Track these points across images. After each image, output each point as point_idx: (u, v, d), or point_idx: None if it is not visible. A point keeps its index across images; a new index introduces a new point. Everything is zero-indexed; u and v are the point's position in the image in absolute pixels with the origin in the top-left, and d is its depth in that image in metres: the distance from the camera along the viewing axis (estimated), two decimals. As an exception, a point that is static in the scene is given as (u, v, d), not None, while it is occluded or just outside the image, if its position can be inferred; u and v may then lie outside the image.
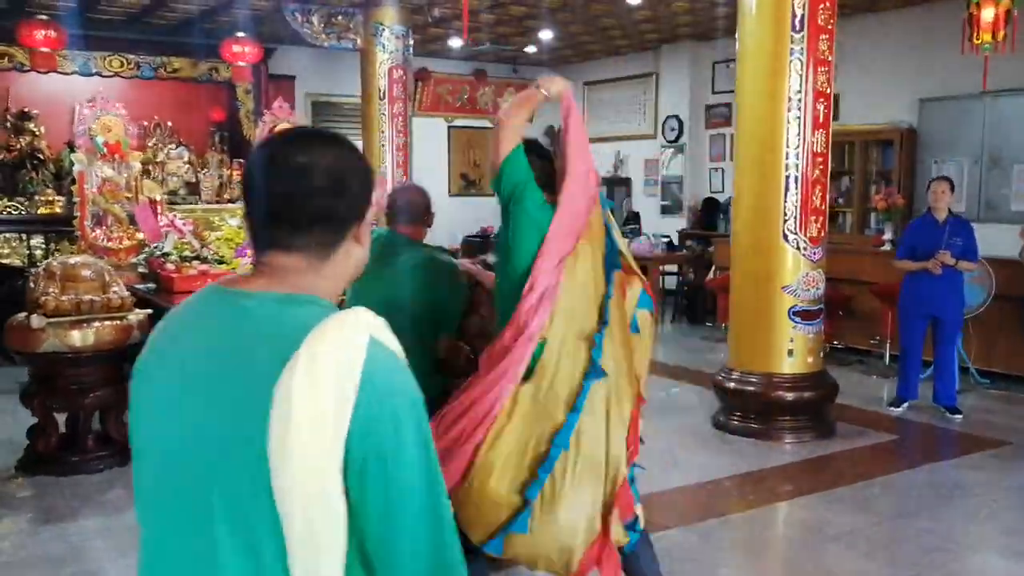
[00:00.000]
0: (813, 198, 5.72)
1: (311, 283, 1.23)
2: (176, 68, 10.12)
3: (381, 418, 1.11)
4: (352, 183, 1.25)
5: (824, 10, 5.61)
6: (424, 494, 1.14)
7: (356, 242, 1.27)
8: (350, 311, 1.16)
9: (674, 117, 11.89)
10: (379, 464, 1.10)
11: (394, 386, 1.14)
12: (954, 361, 6.44)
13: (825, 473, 5.23)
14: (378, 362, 1.12)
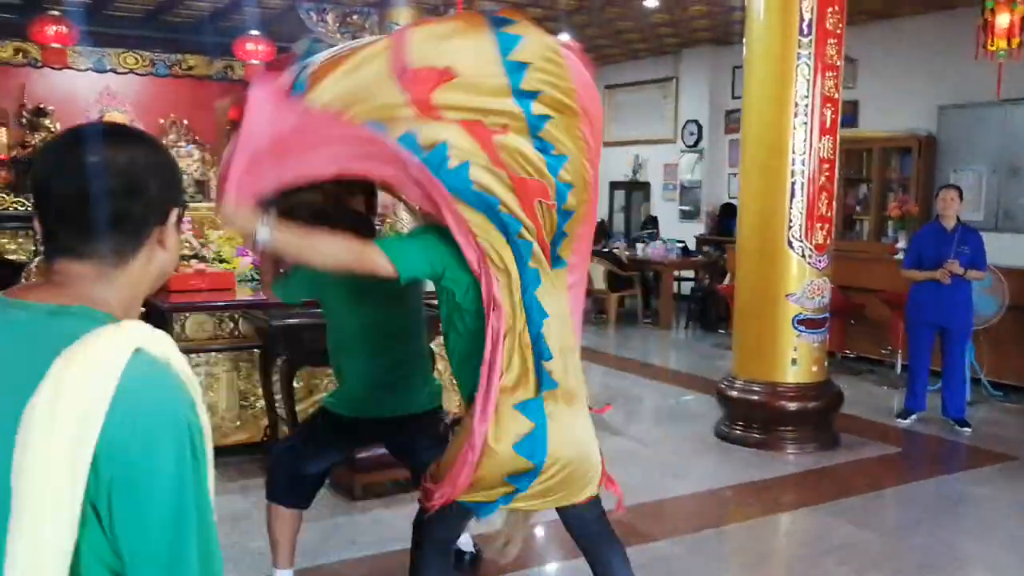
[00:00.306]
0: (819, 205, 5.62)
1: (99, 293, 1.15)
2: (191, 66, 10.16)
3: (132, 439, 1.03)
4: (150, 183, 1.17)
5: (833, 14, 5.51)
6: (178, 524, 1.06)
7: (160, 247, 1.20)
8: (119, 324, 1.09)
9: (693, 122, 11.81)
10: (127, 489, 1.03)
11: (152, 404, 1.07)
12: (963, 372, 6.31)
13: (826, 485, 5.13)
14: (136, 379, 1.05)
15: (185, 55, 10.06)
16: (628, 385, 7.76)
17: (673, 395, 7.40)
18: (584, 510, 2.74)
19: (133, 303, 1.20)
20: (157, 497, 1.05)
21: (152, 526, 1.05)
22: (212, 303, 5.21)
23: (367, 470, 4.56)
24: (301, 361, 4.89)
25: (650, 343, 9.91)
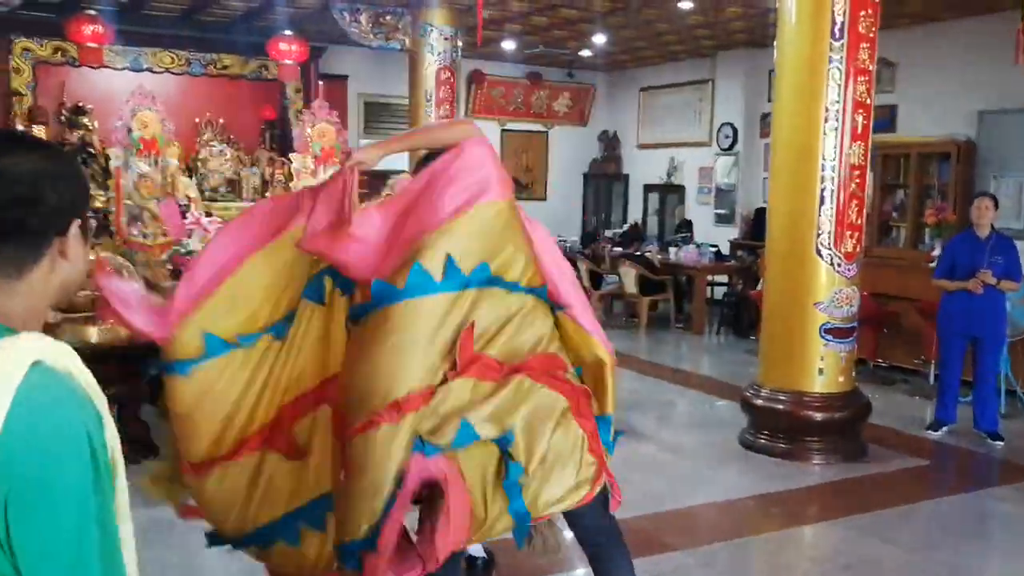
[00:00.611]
0: (849, 212, 5.52)
1: (1, 304, 1.15)
2: (226, 65, 10.29)
3: (28, 455, 1.02)
4: (48, 193, 1.14)
5: (866, 18, 5.41)
6: (79, 541, 1.04)
7: (62, 257, 1.18)
8: (15, 337, 1.08)
9: (729, 124, 11.68)
10: (24, 506, 1.01)
11: (50, 419, 1.05)
12: (996, 383, 6.17)
13: (850, 497, 5.04)
14: (33, 393, 1.04)
15: (220, 55, 10.19)
16: (657, 390, 7.69)
17: (701, 401, 7.32)
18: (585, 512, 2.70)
19: (34, 315, 1.17)
20: (56, 514, 1.03)
21: (51, 543, 1.03)
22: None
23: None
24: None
25: (681, 348, 9.82)
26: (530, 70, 12.99)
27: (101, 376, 3.93)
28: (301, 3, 9.31)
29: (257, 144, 10.47)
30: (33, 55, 9.57)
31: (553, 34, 10.82)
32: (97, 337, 4.77)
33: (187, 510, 2.71)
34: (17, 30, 9.41)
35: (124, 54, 9.84)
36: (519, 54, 12.01)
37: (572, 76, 13.18)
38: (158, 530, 4.14)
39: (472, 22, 9.71)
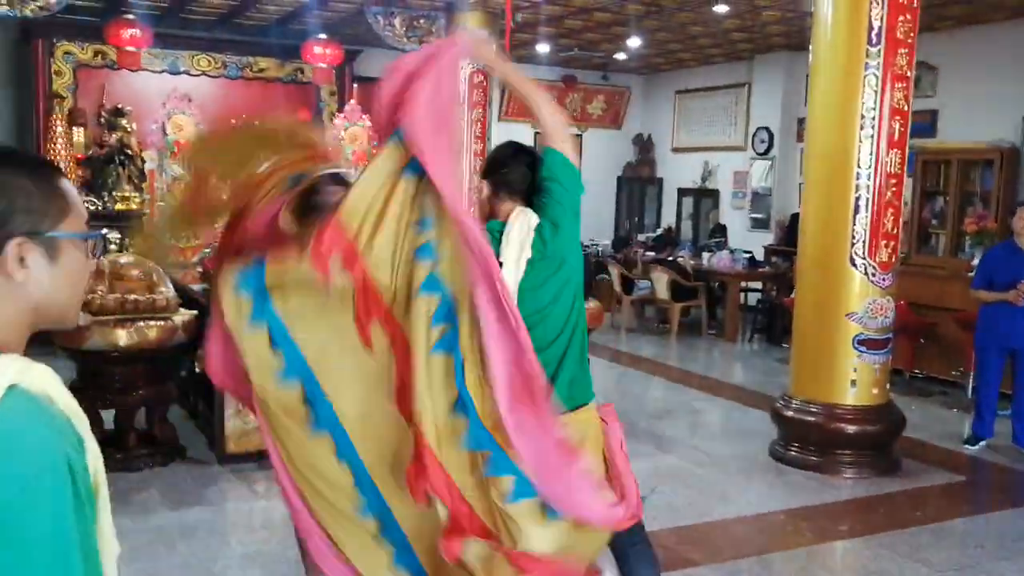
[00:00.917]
0: (885, 221, 5.40)
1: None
2: (262, 68, 10.36)
3: (4, 481, 0.99)
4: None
5: (904, 23, 5.29)
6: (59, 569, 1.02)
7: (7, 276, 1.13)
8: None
9: (764, 129, 11.54)
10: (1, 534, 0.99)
11: (28, 444, 1.02)
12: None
13: (880, 514, 4.93)
14: (9, 417, 1.01)
15: (256, 58, 10.26)
16: (687, 399, 7.61)
17: (731, 411, 7.22)
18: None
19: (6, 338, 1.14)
20: (34, 541, 1.01)
21: (30, 571, 1.01)
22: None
23: (407, 480, 4.55)
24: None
25: (713, 355, 9.71)
26: (565, 73, 12.94)
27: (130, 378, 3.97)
28: (336, 7, 9.35)
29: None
30: (74, 58, 9.71)
31: (587, 37, 10.77)
32: (125, 340, 4.81)
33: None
34: (59, 34, 9.55)
35: (162, 57, 9.95)
36: (554, 57, 11.96)
37: (607, 79, 13.10)
38: (180, 534, 4.17)
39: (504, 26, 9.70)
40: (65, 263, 1.18)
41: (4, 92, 9.96)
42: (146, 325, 4.85)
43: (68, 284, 1.20)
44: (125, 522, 4.27)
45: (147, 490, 4.72)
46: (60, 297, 1.19)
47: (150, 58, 9.73)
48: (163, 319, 4.93)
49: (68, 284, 1.20)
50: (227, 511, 4.60)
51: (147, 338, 4.86)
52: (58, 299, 1.19)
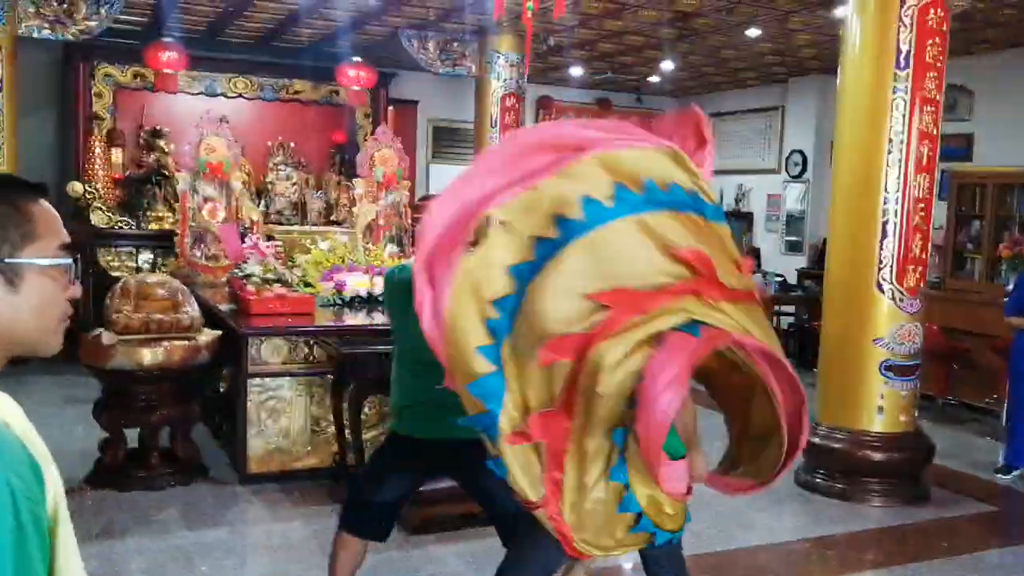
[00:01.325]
0: (913, 246, 5.34)
1: None
2: (297, 90, 10.49)
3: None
4: None
5: (933, 47, 5.24)
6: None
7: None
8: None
9: (798, 152, 11.45)
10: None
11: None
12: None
13: (908, 544, 4.84)
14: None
15: (292, 80, 10.40)
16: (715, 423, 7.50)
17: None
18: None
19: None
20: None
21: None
22: (288, 328, 5.31)
23: (426, 503, 4.54)
24: (368, 389, 4.94)
25: (743, 379, 9.58)
26: (599, 96, 12.96)
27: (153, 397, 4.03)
28: (370, 30, 9.47)
29: (327, 168, 10.65)
30: (114, 80, 9.92)
31: (621, 60, 10.78)
32: (150, 359, 4.87)
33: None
34: (100, 56, 9.76)
35: (200, 79, 10.13)
36: (587, 80, 11.99)
37: (640, 101, 13.10)
38: (198, 553, 4.20)
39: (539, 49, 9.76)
40: (29, 290, 1.16)
41: (47, 113, 10.18)
42: (170, 344, 4.91)
43: (34, 312, 1.17)
44: (144, 540, 4.32)
45: (167, 509, 4.76)
46: (26, 325, 1.17)
47: (188, 80, 9.91)
48: (187, 339, 4.99)
49: (34, 312, 1.17)
50: (246, 532, 4.63)
51: (171, 357, 4.92)
52: (24, 327, 1.17)
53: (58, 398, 7.01)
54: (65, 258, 1.22)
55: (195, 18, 9.27)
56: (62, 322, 1.24)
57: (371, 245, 6.85)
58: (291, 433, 5.26)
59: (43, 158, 9.97)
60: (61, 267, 1.21)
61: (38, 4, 8.28)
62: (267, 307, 5.44)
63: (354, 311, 5.91)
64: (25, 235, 1.16)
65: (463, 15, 8.42)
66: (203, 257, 6.89)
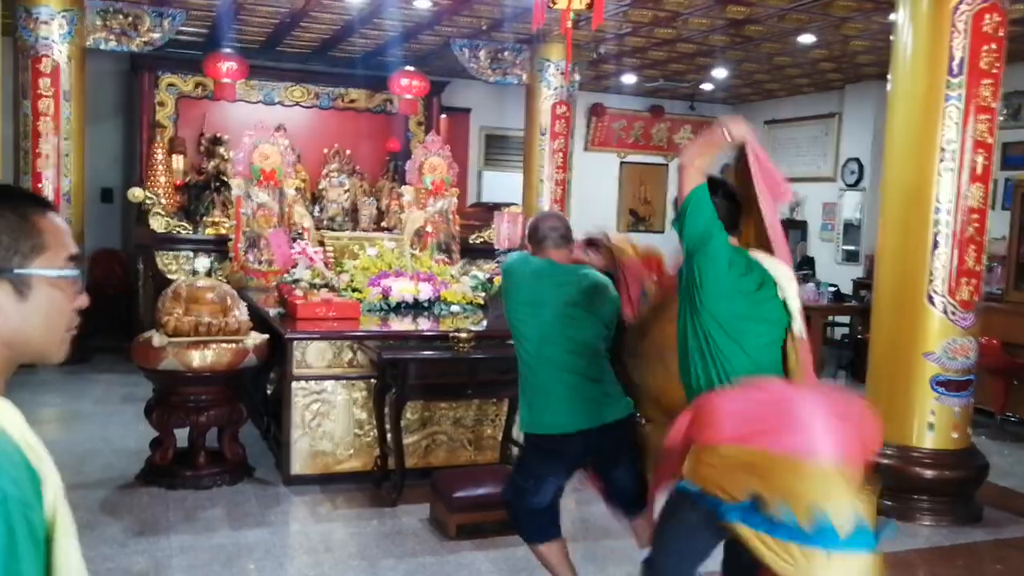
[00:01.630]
0: (966, 258, 5.19)
1: None
2: (352, 99, 10.66)
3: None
4: None
5: (988, 53, 5.10)
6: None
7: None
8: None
9: (855, 160, 11.25)
10: None
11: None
12: None
13: (958, 565, 4.69)
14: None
15: (348, 89, 10.58)
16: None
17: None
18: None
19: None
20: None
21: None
22: (333, 332, 5.39)
23: (463, 510, 4.56)
24: (408, 394, 4.99)
25: (796, 391, 9.42)
26: (652, 103, 12.90)
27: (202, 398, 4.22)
28: (423, 40, 9.57)
29: (381, 175, 10.78)
30: (177, 89, 10.20)
31: (672, 68, 10.72)
32: (199, 361, 4.98)
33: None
34: (163, 67, 10.06)
35: (258, 88, 10.37)
36: (639, 87, 11.95)
37: (694, 109, 13.00)
38: (239, 553, 4.28)
39: (588, 57, 9.77)
40: (37, 300, 1.20)
41: (114, 122, 10.52)
42: (219, 347, 5.01)
43: (42, 321, 1.21)
44: (187, 539, 4.41)
45: (212, 508, 4.86)
46: (33, 334, 1.21)
47: (247, 89, 10.14)
48: (235, 342, 5.09)
49: (42, 321, 1.21)
50: (287, 533, 4.69)
51: (219, 360, 5.03)
52: (31, 336, 1.21)
53: (117, 397, 7.22)
54: (72, 270, 1.25)
55: (254, 29, 9.49)
56: (69, 331, 1.27)
57: (419, 251, 6.91)
58: (334, 436, 5.33)
59: (108, 165, 10.31)
60: (69, 278, 1.24)
61: (105, 17, 8.56)
62: (313, 311, 5.52)
63: (400, 316, 5.97)
64: (34, 247, 1.20)
65: (513, 24, 8.46)
66: (256, 262, 7.03)
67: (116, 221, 10.40)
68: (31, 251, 1.20)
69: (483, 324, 5.92)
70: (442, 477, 4.78)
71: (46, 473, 1.13)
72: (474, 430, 5.55)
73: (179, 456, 5.26)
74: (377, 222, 9.91)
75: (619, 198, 13.17)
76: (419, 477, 5.07)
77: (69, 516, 1.16)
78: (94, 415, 6.77)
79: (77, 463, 5.35)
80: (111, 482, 5.15)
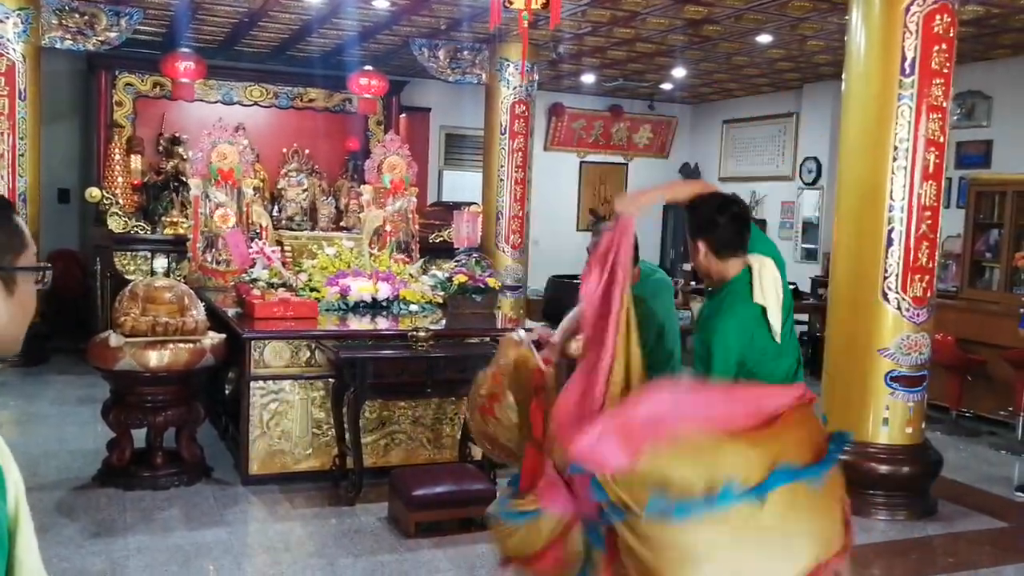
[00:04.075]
0: (919, 255, 5.27)
1: None
2: (311, 98, 10.61)
3: None
4: None
5: (939, 53, 5.18)
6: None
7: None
8: None
9: (812, 159, 11.39)
10: None
11: None
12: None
13: (912, 559, 4.76)
14: None
15: (306, 88, 10.52)
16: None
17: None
18: None
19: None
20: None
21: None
22: (291, 332, 5.35)
23: (422, 508, 4.55)
24: (367, 393, 4.96)
25: (756, 388, 9.51)
26: (612, 103, 12.96)
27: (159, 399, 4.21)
28: (382, 40, 9.53)
29: (340, 174, 10.72)
30: (134, 89, 10.07)
31: (632, 68, 10.78)
32: (156, 361, 4.92)
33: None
34: (121, 66, 9.92)
35: (217, 88, 10.27)
36: (599, 87, 12.00)
37: (653, 108, 13.08)
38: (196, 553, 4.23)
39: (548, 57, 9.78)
40: (21, 296, 1.26)
41: (71, 121, 10.36)
42: (176, 347, 4.96)
43: (21, 314, 1.27)
44: (144, 539, 4.36)
45: (170, 509, 4.80)
46: (13, 327, 1.26)
47: (206, 89, 10.04)
48: (193, 341, 5.03)
49: (21, 314, 1.27)
50: (245, 532, 4.65)
51: (177, 360, 4.97)
52: (11, 329, 1.26)
53: (74, 398, 7.11)
54: (45, 265, 1.32)
55: (212, 28, 9.39)
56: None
57: (377, 251, 6.88)
58: (293, 436, 5.29)
59: (65, 165, 10.14)
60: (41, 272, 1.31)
61: (61, 16, 8.42)
62: (270, 311, 5.47)
63: (358, 316, 5.94)
64: (18, 245, 1.27)
65: (472, 24, 8.46)
66: (214, 262, 6.96)
67: (73, 222, 10.24)
68: (17, 248, 1.26)
69: (442, 323, 5.91)
70: (401, 475, 4.76)
71: (8, 469, 1.16)
72: (433, 429, 5.53)
73: (136, 457, 5.20)
74: (336, 221, 9.85)
75: (579, 197, 13.21)
76: (378, 476, 5.05)
77: (28, 512, 1.20)
78: (51, 416, 6.66)
79: (33, 465, 5.27)
80: (67, 483, 5.09)
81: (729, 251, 2.84)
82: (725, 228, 2.80)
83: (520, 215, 9.56)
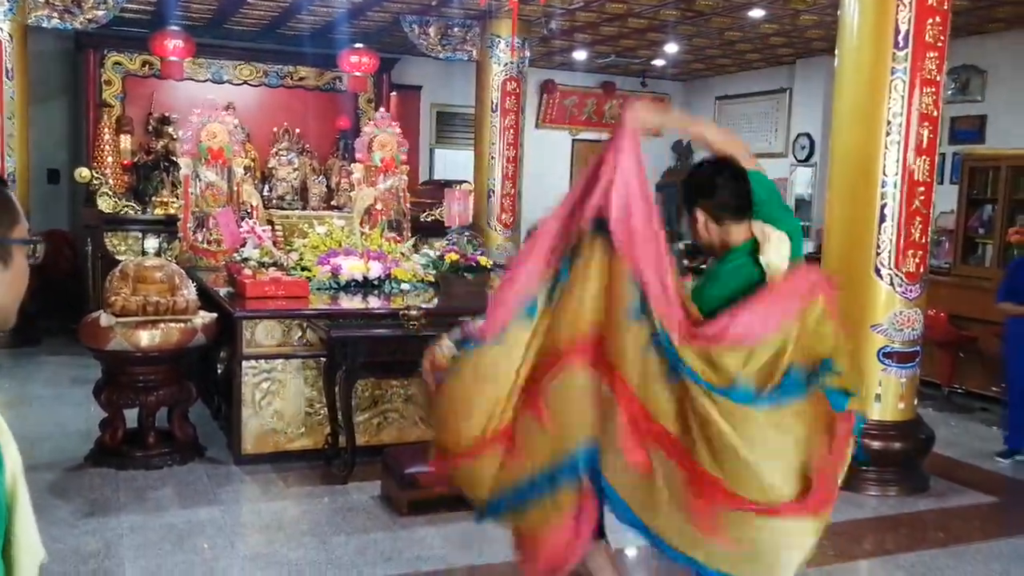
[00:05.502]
0: (912, 230, 5.26)
1: None
2: (301, 77, 10.51)
3: None
4: None
5: (933, 26, 5.14)
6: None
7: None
8: None
9: (805, 135, 11.34)
10: None
11: None
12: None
13: (903, 534, 4.77)
14: None
15: (296, 67, 10.42)
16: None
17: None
18: None
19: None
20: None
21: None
22: (282, 311, 5.33)
23: (414, 486, 4.54)
24: (359, 372, 4.95)
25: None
26: (604, 79, 12.88)
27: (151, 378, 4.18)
28: (372, 17, 9.44)
29: (331, 153, 10.66)
30: (123, 68, 9.95)
31: (624, 44, 10.70)
32: (147, 341, 4.90)
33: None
34: (109, 45, 9.80)
35: (206, 67, 10.16)
36: (591, 63, 11.92)
37: (645, 85, 13.00)
38: (189, 532, 4.23)
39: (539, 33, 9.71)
40: (16, 268, 1.28)
41: (59, 101, 10.26)
42: (167, 327, 4.94)
43: (16, 287, 1.29)
44: (137, 518, 4.36)
45: (163, 488, 4.80)
46: (8, 299, 1.28)
47: (195, 67, 9.93)
48: (184, 321, 5.01)
49: (16, 287, 1.29)
50: (239, 511, 4.64)
51: (168, 339, 4.95)
52: (7, 301, 1.28)
53: (66, 379, 7.09)
54: (38, 238, 1.34)
55: (200, 6, 9.29)
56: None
57: (368, 229, 6.84)
58: (285, 415, 5.28)
59: (54, 145, 10.06)
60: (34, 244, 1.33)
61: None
62: (262, 290, 5.45)
63: (350, 295, 5.92)
64: (12, 218, 1.28)
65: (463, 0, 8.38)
66: (205, 242, 6.92)
67: (63, 202, 10.17)
68: (11, 222, 1.28)
69: (434, 302, 5.89)
70: (393, 454, 4.76)
71: (7, 445, 1.20)
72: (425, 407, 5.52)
73: (129, 437, 5.20)
74: (327, 200, 9.80)
75: (571, 176, 13.15)
76: (370, 454, 5.04)
77: (26, 489, 1.24)
78: (43, 397, 6.64)
79: (27, 446, 5.16)
80: (61, 464, 5.08)
81: (728, 215, 2.67)
82: (723, 188, 2.65)
83: (512, 193, 9.52)
